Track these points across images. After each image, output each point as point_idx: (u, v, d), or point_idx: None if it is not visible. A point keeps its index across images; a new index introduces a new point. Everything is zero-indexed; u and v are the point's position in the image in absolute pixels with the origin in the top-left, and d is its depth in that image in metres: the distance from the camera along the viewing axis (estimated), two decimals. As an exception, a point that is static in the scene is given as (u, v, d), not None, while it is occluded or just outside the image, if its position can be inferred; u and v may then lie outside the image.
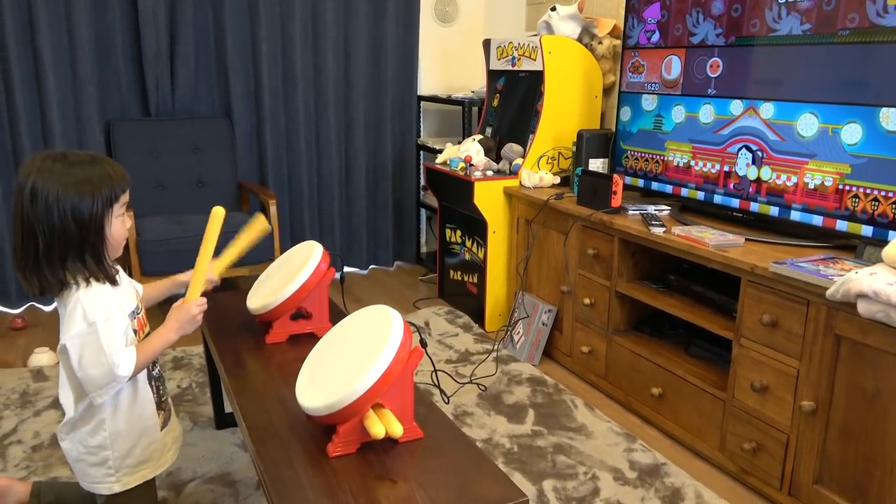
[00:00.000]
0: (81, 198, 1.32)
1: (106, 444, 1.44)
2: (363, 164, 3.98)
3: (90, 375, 1.33)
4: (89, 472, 1.46)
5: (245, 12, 3.52)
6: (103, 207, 1.35)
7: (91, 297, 1.34)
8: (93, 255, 1.36)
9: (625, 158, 2.82)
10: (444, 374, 2.70)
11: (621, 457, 2.19)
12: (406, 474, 1.26)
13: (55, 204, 1.30)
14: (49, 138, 3.22)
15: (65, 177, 1.32)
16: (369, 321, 1.42)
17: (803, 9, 2.06)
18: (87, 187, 1.33)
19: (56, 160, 1.34)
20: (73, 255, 1.34)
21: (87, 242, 1.35)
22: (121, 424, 1.44)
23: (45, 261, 1.32)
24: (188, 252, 3.01)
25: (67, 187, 1.31)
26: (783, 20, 2.12)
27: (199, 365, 2.77)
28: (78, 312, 1.32)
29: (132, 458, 1.48)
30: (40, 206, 1.30)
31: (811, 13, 2.03)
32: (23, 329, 3.15)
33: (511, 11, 4.03)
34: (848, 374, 1.74)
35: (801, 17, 2.07)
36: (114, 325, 1.35)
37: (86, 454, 1.45)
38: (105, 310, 1.35)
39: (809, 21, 2.04)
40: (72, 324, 1.32)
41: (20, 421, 2.32)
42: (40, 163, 1.34)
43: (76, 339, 1.32)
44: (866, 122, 1.92)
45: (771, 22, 2.16)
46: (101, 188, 1.35)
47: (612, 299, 2.55)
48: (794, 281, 1.81)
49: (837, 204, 2.02)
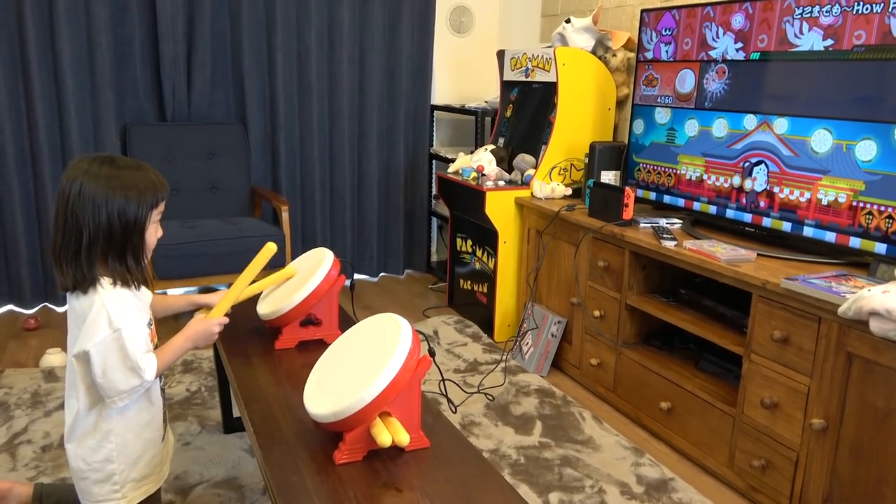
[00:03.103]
0: (128, 201, 1.35)
1: (112, 458, 1.42)
2: (376, 173, 4.00)
3: (114, 380, 1.34)
4: (93, 491, 1.44)
5: (262, 21, 3.56)
6: (147, 211, 1.38)
7: (114, 302, 1.34)
8: (133, 256, 1.39)
9: (637, 171, 2.81)
10: (452, 383, 2.69)
11: (629, 471, 2.17)
12: (412, 483, 1.26)
13: (103, 204, 1.33)
14: (66, 141, 3.26)
15: (112, 180, 1.35)
16: (378, 329, 1.42)
17: (825, 24, 2.05)
18: (133, 191, 1.36)
19: (103, 164, 1.37)
20: (114, 255, 1.37)
21: (130, 244, 1.38)
22: (128, 435, 1.43)
23: (86, 255, 1.34)
24: (200, 256, 3.08)
25: (115, 190, 1.34)
26: (804, 35, 2.12)
27: (208, 369, 2.79)
28: (103, 319, 1.32)
29: (137, 471, 1.47)
30: (87, 204, 1.33)
31: (832, 29, 2.03)
32: (35, 329, 3.18)
33: (526, 23, 4.04)
34: (859, 393, 1.73)
35: (822, 33, 2.06)
36: (137, 331, 1.37)
37: (90, 471, 1.43)
38: (128, 316, 1.36)
39: (830, 37, 2.04)
40: (96, 330, 1.32)
41: (31, 421, 2.34)
42: (87, 165, 1.36)
43: (101, 345, 1.32)
44: (881, 139, 1.91)
45: (791, 37, 2.16)
46: (146, 193, 1.38)
47: (622, 312, 2.54)
48: (806, 297, 1.80)
49: (851, 221, 2.01)
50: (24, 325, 3.18)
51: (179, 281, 3.10)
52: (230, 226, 3.26)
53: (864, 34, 1.94)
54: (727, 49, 2.36)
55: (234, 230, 3.21)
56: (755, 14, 2.25)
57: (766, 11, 2.21)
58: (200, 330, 1.52)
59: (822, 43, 2.05)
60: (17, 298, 3.40)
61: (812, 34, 2.08)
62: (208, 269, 3.11)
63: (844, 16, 1.98)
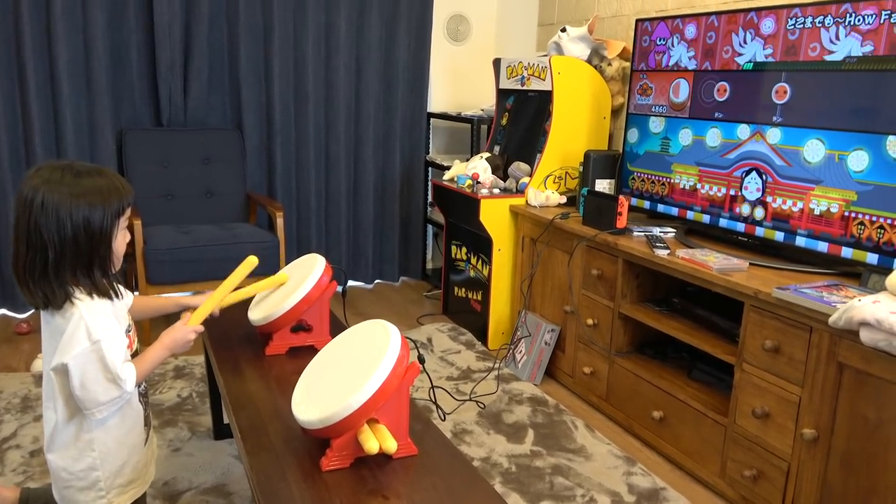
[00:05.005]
0: (93, 209, 1.30)
1: (95, 465, 1.40)
2: (371, 180, 4.00)
3: (93, 392, 1.31)
4: (78, 499, 1.41)
5: (259, 28, 3.56)
6: (112, 219, 1.34)
7: (93, 314, 1.31)
8: (101, 267, 1.35)
9: (631, 180, 2.82)
10: (444, 391, 2.69)
11: (620, 480, 2.17)
12: (399, 491, 1.26)
13: (67, 216, 1.28)
14: (62, 146, 3.26)
15: (74, 188, 1.29)
16: (367, 335, 1.42)
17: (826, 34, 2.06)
18: (97, 198, 1.31)
19: (63, 171, 1.31)
20: (81, 268, 1.32)
21: (97, 255, 1.33)
22: (111, 443, 1.41)
23: (54, 273, 1.29)
24: (194, 262, 3.08)
25: (78, 198, 1.29)
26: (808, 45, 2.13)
27: (200, 375, 2.78)
28: (81, 331, 1.29)
29: (122, 477, 1.45)
30: (51, 217, 1.27)
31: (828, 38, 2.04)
32: (27, 334, 3.17)
33: (522, 32, 4.06)
34: (850, 403, 1.72)
35: (858, 40, 2.07)
36: (116, 342, 1.34)
37: (73, 479, 1.40)
38: (107, 327, 1.33)
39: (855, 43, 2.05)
40: (74, 343, 1.29)
41: (20, 426, 2.33)
42: (48, 174, 1.31)
43: (79, 357, 1.29)
44: (873, 150, 1.92)
45: (786, 48, 2.17)
46: (111, 200, 1.33)
47: (615, 321, 2.54)
48: (797, 307, 1.80)
49: (843, 231, 2.01)
50: (16, 330, 3.17)
51: (173, 286, 3.09)
52: (225, 231, 3.26)
53: (857, 45, 1.95)
54: (717, 59, 2.37)
55: (229, 236, 3.21)
56: (753, 24, 2.26)
57: (761, 21, 2.22)
58: (177, 337, 1.48)
59: (815, 53, 2.06)
60: (9, 303, 3.39)
61: (807, 44, 2.09)
62: (203, 275, 3.10)
63: (838, 26, 1.99)
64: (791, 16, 2.12)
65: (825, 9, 2.02)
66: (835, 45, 2.00)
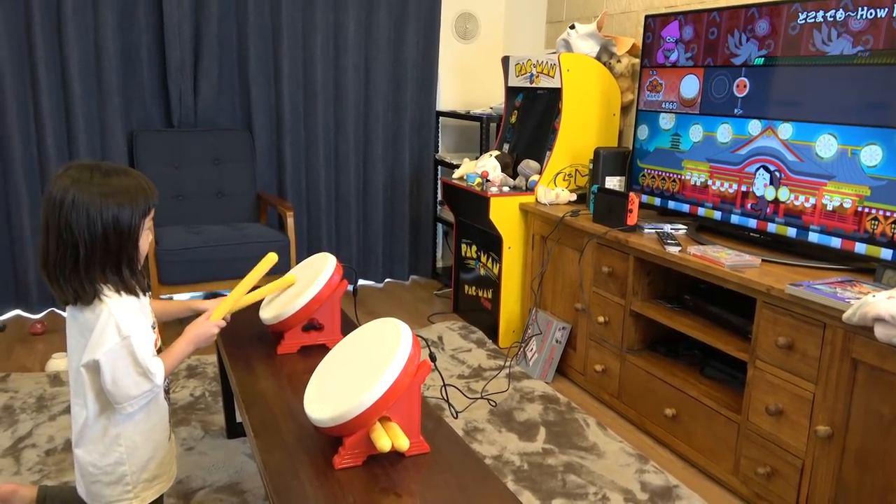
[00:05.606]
0: (121, 208, 1.34)
1: (122, 460, 1.43)
2: (381, 178, 4.00)
3: (124, 387, 1.34)
4: (105, 494, 1.44)
5: (268, 29, 3.57)
6: (140, 219, 1.37)
7: (122, 310, 1.34)
8: (129, 265, 1.38)
9: (642, 177, 2.81)
10: (455, 389, 2.69)
11: (633, 478, 2.16)
12: (411, 489, 1.26)
13: (98, 214, 1.31)
14: (73, 147, 3.28)
15: (104, 187, 1.33)
16: (379, 334, 1.42)
17: (839, 28, 2.05)
18: (125, 198, 1.35)
19: (92, 171, 1.35)
20: (111, 265, 1.35)
21: (125, 253, 1.37)
22: (137, 437, 1.44)
23: (84, 269, 1.32)
24: (205, 262, 3.09)
25: (107, 198, 1.32)
26: (813, 40, 2.11)
27: (212, 374, 2.79)
28: (111, 327, 1.32)
29: (148, 472, 1.47)
30: (82, 215, 1.30)
31: (842, 32, 2.02)
32: (42, 334, 3.20)
33: (530, 29, 4.05)
34: (865, 400, 1.71)
35: (853, 38, 2.06)
36: (144, 338, 1.37)
37: (100, 474, 1.43)
38: (136, 323, 1.36)
39: (860, 39, 2.03)
40: (105, 339, 1.32)
41: (35, 425, 2.35)
42: (76, 174, 1.34)
43: (111, 353, 1.32)
44: (886, 144, 1.90)
45: (792, 43, 2.15)
46: (139, 199, 1.37)
47: (626, 318, 2.53)
48: (811, 303, 1.79)
49: (856, 226, 2.00)
50: (31, 330, 3.20)
51: (185, 286, 3.11)
52: (236, 231, 3.27)
53: (872, 38, 1.93)
54: (728, 54, 2.36)
55: (239, 236, 3.22)
56: (760, 19, 2.24)
57: (773, 17, 2.21)
58: (201, 332, 1.53)
59: (828, 47, 2.04)
60: (24, 303, 3.41)
61: (819, 38, 2.07)
62: (213, 275, 3.12)
63: (849, 21, 1.98)
64: (792, 11, 2.11)
65: (828, 4, 2.00)
66: (844, 40, 1.99)
